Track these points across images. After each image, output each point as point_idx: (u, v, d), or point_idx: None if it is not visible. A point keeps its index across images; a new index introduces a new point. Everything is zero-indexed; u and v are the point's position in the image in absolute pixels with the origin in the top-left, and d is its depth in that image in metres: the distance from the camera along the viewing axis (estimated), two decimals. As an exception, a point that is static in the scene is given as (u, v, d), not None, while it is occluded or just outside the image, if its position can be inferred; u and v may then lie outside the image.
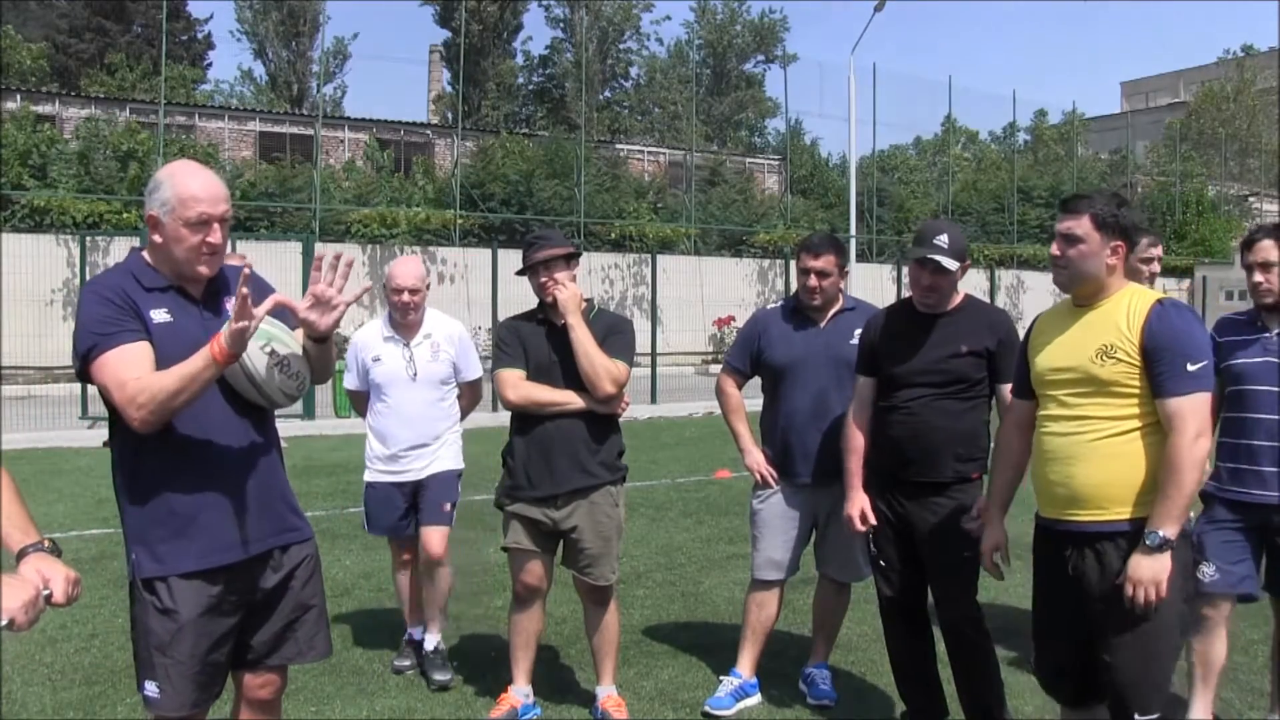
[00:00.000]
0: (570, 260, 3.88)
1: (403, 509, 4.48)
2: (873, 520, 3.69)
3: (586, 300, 3.91)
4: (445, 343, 4.51)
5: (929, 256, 3.52)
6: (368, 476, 4.52)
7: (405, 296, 4.38)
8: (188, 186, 2.55)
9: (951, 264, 3.52)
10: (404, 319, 4.44)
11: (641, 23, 39.84)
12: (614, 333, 3.88)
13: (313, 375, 2.73)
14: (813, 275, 4.07)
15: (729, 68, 40.98)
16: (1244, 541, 3.53)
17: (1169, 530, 2.72)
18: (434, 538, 4.44)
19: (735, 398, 4.31)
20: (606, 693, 3.99)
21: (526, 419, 3.87)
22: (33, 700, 4.15)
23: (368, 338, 4.52)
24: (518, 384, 3.84)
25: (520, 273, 3.94)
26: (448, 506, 4.49)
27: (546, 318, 3.91)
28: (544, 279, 3.84)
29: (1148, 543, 2.73)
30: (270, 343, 2.57)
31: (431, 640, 4.48)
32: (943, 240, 3.54)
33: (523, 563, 3.90)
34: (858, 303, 4.26)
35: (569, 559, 3.93)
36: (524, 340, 3.91)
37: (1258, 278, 3.56)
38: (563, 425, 3.80)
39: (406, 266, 4.43)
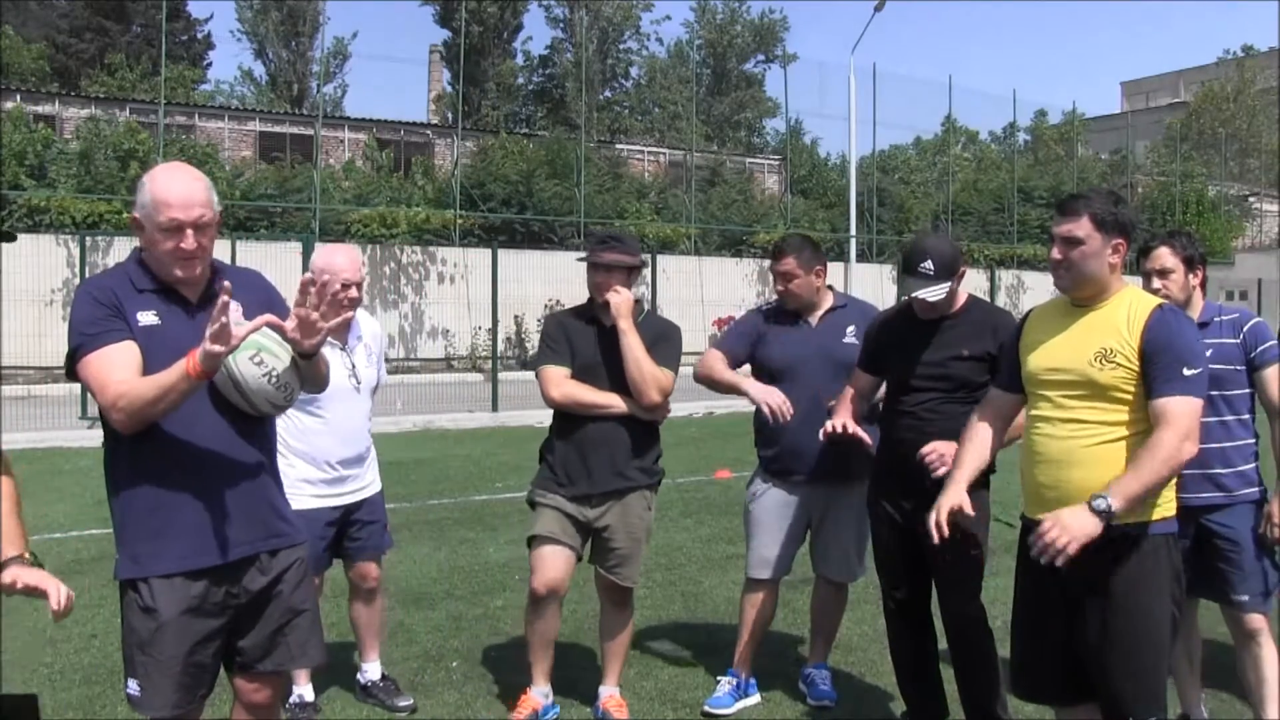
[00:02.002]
0: (633, 272, 3.79)
1: (330, 538, 3.96)
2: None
3: (636, 301, 3.82)
4: (374, 345, 4.08)
5: (915, 296, 3.49)
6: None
7: (354, 292, 3.76)
8: (162, 190, 2.55)
9: (939, 294, 3.50)
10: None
11: (641, 22, 39.87)
12: (662, 340, 3.81)
13: (304, 385, 2.73)
14: (779, 279, 4.12)
15: (729, 68, 40.95)
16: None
17: (1118, 504, 2.68)
18: (375, 566, 4.16)
19: (714, 355, 4.09)
20: (609, 693, 3.99)
21: (568, 419, 3.81)
22: (32, 700, 4.15)
23: None
24: (562, 382, 3.78)
25: (582, 259, 3.86)
26: (388, 529, 4.21)
27: (596, 316, 3.84)
28: (601, 279, 3.75)
29: (1093, 504, 2.69)
30: (260, 353, 2.56)
31: (376, 669, 4.20)
32: (928, 266, 3.48)
33: (545, 558, 3.77)
34: (849, 299, 4.28)
35: (598, 557, 3.90)
36: (571, 338, 3.83)
37: (1155, 284, 3.58)
38: (604, 428, 3.75)
39: (346, 255, 3.81)
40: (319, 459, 3.88)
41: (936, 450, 3.43)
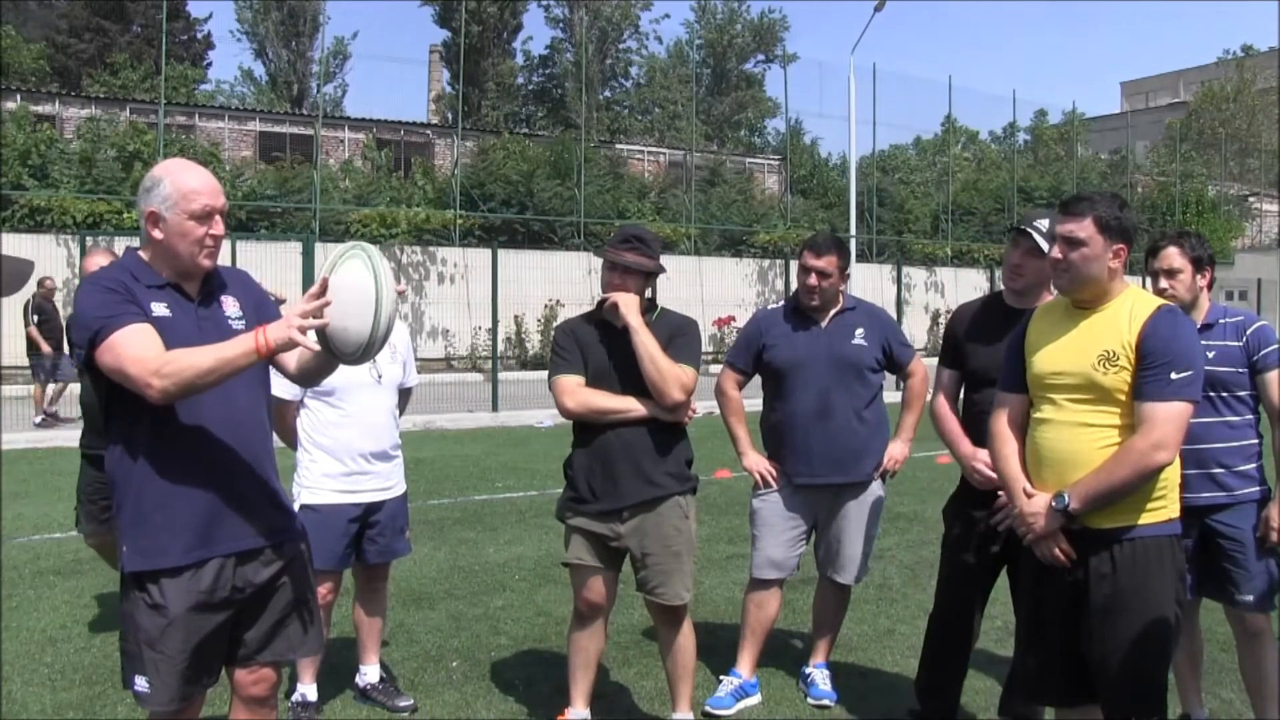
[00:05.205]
0: (650, 278, 3.62)
1: (352, 535, 3.96)
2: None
3: (648, 300, 3.65)
4: (399, 343, 4.09)
5: (1023, 227, 3.49)
6: (309, 499, 3.87)
7: None
8: (187, 181, 2.60)
9: (1045, 244, 3.42)
10: None
11: (640, 22, 39.91)
12: (679, 335, 3.61)
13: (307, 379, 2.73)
14: (813, 274, 4.05)
15: (729, 67, 41.02)
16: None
17: (1075, 503, 2.77)
18: (385, 570, 4.18)
19: (736, 400, 4.27)
20: (683, 718, 3.79)
21: (587, 428, 3.61)
22: (33, 700, 4.15)
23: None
24: (576, 391, 3.57)
25: (599, 253, 3.71)
26: (409, 534, 4.19)
27: (606, 320, 3.63)
28: (617, 281, 3.56)
29: (1054, 500, 2.80)
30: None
31: (376, 671, 4.18)
32: (1043, 224, 3.49)
33: (584, 579, 3.65)
34: (858, 302, 4.25)
35: (636, 575, 3.67)
36: (582, 344, 3.63)
37: (1163, 284, 3.58)
38: (625, 434, 3.54)
39: None
40: (340, 452, 3.91)
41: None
